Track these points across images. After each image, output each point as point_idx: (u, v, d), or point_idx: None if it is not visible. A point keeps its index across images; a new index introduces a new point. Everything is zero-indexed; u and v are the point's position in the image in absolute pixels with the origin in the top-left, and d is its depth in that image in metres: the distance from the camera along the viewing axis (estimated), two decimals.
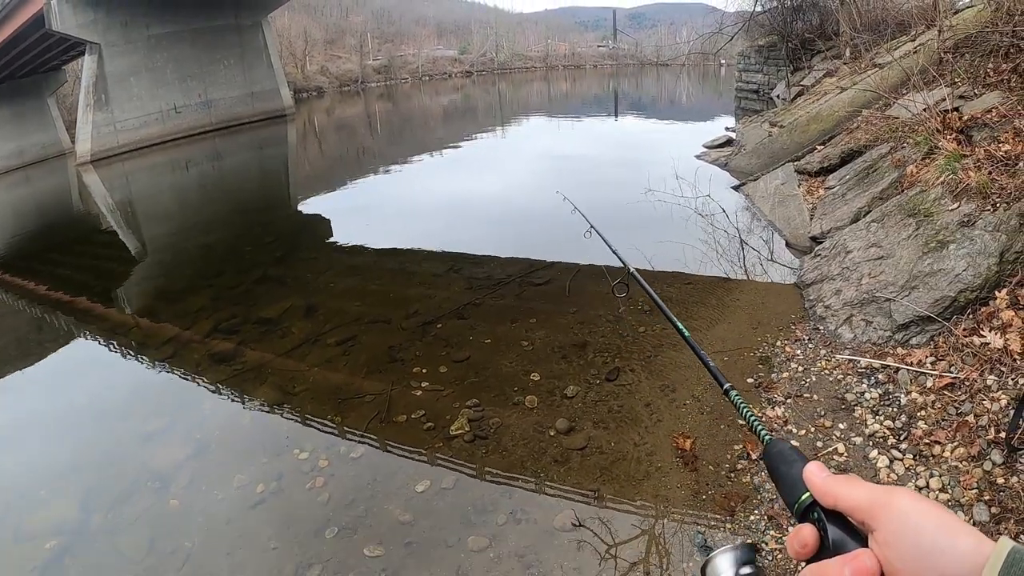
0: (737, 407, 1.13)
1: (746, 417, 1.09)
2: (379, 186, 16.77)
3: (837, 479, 0.73)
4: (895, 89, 10.33)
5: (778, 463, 0.85)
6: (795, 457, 0.84)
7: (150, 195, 19.94)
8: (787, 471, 0.82)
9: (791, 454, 0.85)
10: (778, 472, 0.85)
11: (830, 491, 0.72)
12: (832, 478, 0.73)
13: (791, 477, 0.80)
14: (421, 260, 9.77)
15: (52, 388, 7.31)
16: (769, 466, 0.88)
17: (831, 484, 0.72)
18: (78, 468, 5.49)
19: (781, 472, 0.84)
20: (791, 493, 0.79)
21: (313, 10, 62.41)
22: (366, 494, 4.65)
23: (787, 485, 0.81)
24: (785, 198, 9.71)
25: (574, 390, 5.59)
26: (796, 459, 0.83)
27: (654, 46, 66.14)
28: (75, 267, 12.38)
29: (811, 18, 19.10)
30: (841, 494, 0.71)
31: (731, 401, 1.18)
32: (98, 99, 26.39)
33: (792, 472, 0.81)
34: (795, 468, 0.81)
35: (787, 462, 0.84)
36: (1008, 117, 6.75)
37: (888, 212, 6.76)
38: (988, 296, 5.06)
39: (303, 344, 7.09)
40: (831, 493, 0.72)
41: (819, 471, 0.75)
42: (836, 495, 0.71)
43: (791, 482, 0.80)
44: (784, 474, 0.83)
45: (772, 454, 0.88)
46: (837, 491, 0.71)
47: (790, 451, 0.86)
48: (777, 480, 0.85)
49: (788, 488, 0.81)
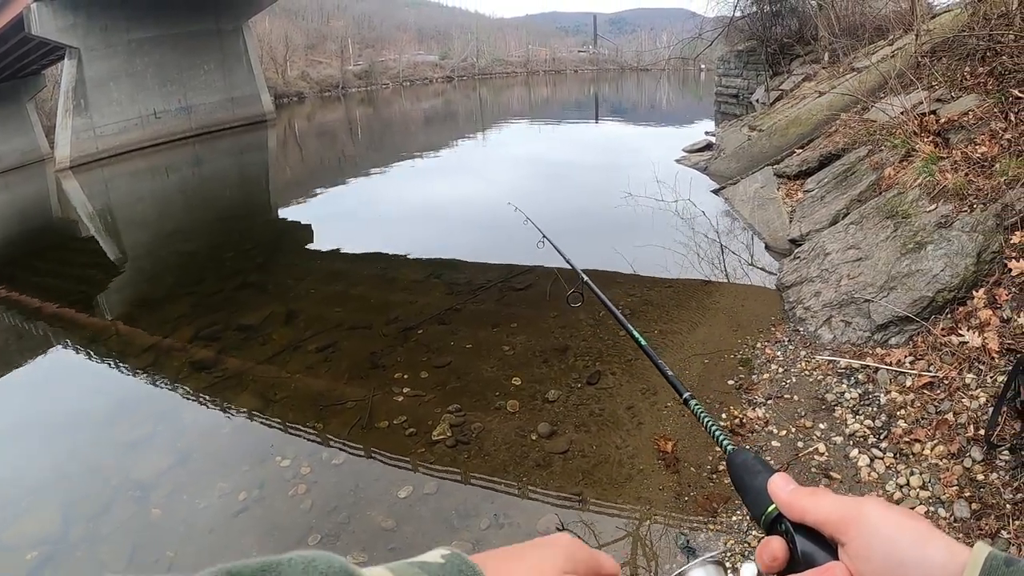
0: (697, 416, 1.10)
1: (707, 426, 1.05)
2: (360, 192, 16.71)
3: (803, 493, 0.70)
4: (873, 93, 10.42)
5: (742, 473, 0.83)
6: (759, 468, 0.81)
7: (130, 201, 19.76)
8: (751, 482, 0.80)
9: (755, 464, 0.83)
10: (742, 483, 0.82)
11: (796, 505, 0.70)
12: (798, 491, 0.71)
13: (755, 489, 0.78)
14: (402, 266, 9.75)
15: (32, 397, 7.24)
16: (733, 477, 0.85)
17: (797, 498, 0.70)
18: (59, 478, 5.43)
19: (745, 483, 0.81)
20: (756, 505, 0.77)
21: (294, 15, 62.12)
22: (349, 500, 4.63)
23: (752, 497, 0.79)
24: (764, 201, 9.77)
25: (555, 394, 5.60)
26: (760, 470, 0.81)
27: (634, 51, 66.27)
28: (54, 274, 12.26)
29: (790, 23, 19.22)
30: (808, 508, 0.68)
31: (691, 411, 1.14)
32: (77, 104, 26.13)
33: (756, 483, 0.78)
34: (759, 479, 0.78)
35: (751, 473, 0.81)
36: (984, 119, 6.83)
37: (866, 214, 6.82)
38: (966, 296, 5.12)
39: (284, 351, 7.06)
40: (797, 507, 0.69)
41: (784, 484, 0.73)
42: (803, 509, 0.69)
43: (756, 494, 0.77)
44: (748, 485, 0.80)
45: (736, 464, 0.85)
46: (804, 505, 0.69)
47: (754, 461, 0.84)
48: (742, 491, 0.82)
49: (753, 500, 0.78)
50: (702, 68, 46.40)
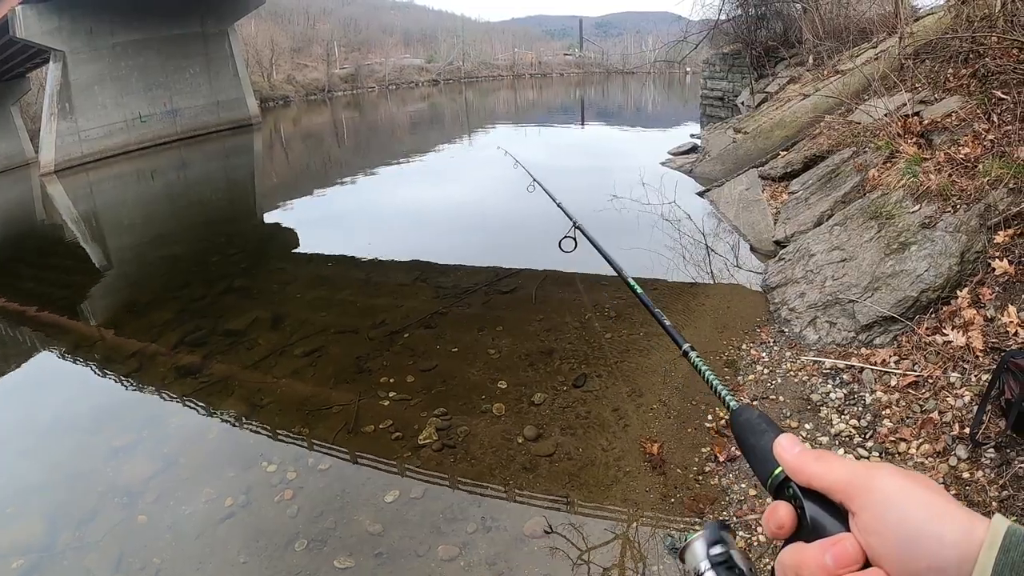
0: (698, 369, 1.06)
1: (709, 381, 1.01)
2: (346, 196, 16.66)
3: (810, 456, 0.66)
4: (857, 95, 10.48)
5: (746, 434, 0.79)
6: (764, 427, 0.77)
7: (115, 206, 19.63)
8: (756, 442, 0.76)
9: (760, 423, 0.78)
10: (747, 444, 0.78)
11: (803, 469, 0.65)
12: (805, 454, 0.66)
13: (761, 450, 0.74)
14: (388, 270, 9.73)
15: (15, 403, 7.17)
16: (737, 437, 0.81)
17: (804, 461, 0.66)
18: (44, 485, 5.37)
19: (750, 444, 0.77)
20: (762, 467, 0.73)
21: (280, 18, 61.93)
22: (335, 505, 4.62)
23: (757, 458, 0.75)
24: (749, 203, 9.80)
25: (541, 397, 5.60)
26: (766, 429, 0.77)
27: (620, 54, 66.49)
28: (38, 279, 12.16)
29: (775, 26, 19.27)
30: (816, 473, 0.64)
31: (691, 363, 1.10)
32: (62, 108, 25.94)
33: (761, 444, 0.74)
34: (765, 440, 0.74)
35: (756, 432, 0.77)
36: (967, 121, 6.89)
37: (850, 215, 6.85)
38: (950, 295, 5.15)
39: (270, 356, 7.02)
40: (804, 472, 0.65)
41: (790, 445, 0.69)
42: (810, 474, 0.65)
43: (761, 455, 0.74)
44: (753, 446, 0.76)
45: (739, 423, 0.81)
46: (811, 470, 0.65)
47: (759, 420, 0.79)
48: (746, 452, 0.78)
49: (759, 461, 0.74)
50: (687, 71, 46.56)
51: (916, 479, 0.59)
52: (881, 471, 0.60)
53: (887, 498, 0.58)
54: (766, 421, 0.78)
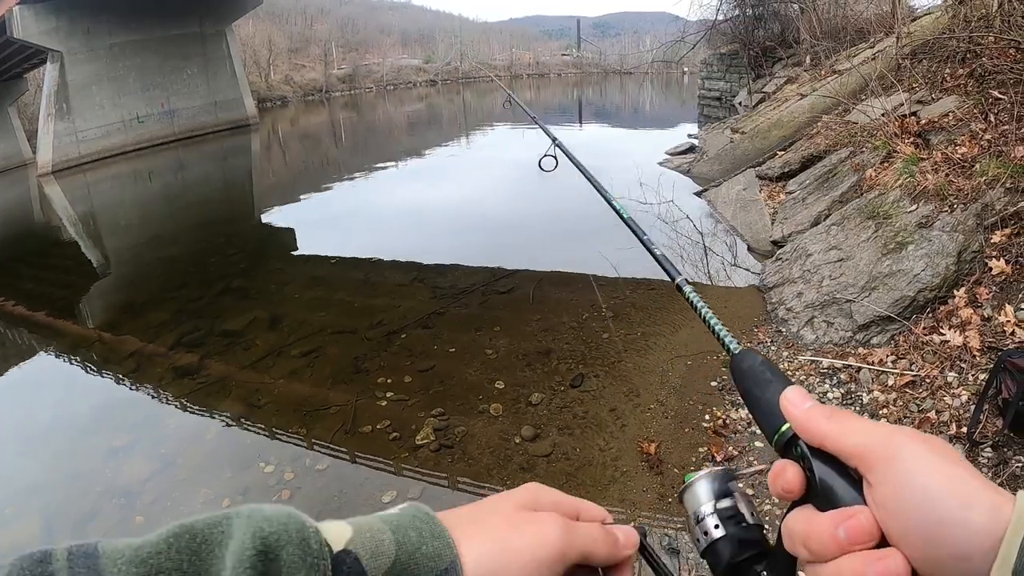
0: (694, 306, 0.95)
1: (706, 320, 0.91)
2: (343, 197, 16.65)
3: (821, 415, 0.59)
4: (854, 95, 10.49)
5: (749, 384, 0.70)
6: (769, 377, 0.69)
7: (112, 206, 19.62)
8: (760, 395, 0.68)
9: (764, 372, 0.70)
10: (750, 395, 0.70)
11: (814, 429, 0.58)
12: (815, 412, 0.59)
13: (766, 403, 0.66)
14: (385, 270, 9.72)
15: (13, 404, 7.17)
16: (739, 386, 0.72)
17: (815, 420, 0.59)
18: (42, 486, 5.37)
19: (754, 396, 0.69)
20: (768, 421, 0.65)
21: (277, 19, 61.90)
22: (333, 506, 4.62)
23: (762, 412, 0.67)
24: (747, 203, 9.81)
25: (539, 397, 5.60)
26: (771, 379, 0.68)
27: (618, 55, 66.55)
28: (36, 280, 12.14)
29: (772, 26, 19.29)
30: (827, 435, 0.57)
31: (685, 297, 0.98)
32: (59, 108, 25.91)
33: (767, 397, 0.66)
34: (770, 392, 0.66)
35: (759, 383, 0.69)
36: (965, 121, 6.90)
37: (848, 215, 6.86)
38: (947, 295, 5.16)
39: (267, 356, 7.02)
40: (815, 431, 0.58)
41: (799, 400, 0.61)
42: (822, 435, 0.57)
43: (766, 409, 0.66)
44: (757, 399, 0.68)
45: (741, 371, 0.72)
46: (823, 431, 0.57)
47: (762, 367, 0.71)
48: (750, 404, 0.70)
49: (764, 415, 0.66)
50: (685, 71, 46.59)
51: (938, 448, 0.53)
52: (900, 437, 0.54)
53: (908, 472, 0.52)
54: (771, 370, 0.70)
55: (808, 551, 0.55)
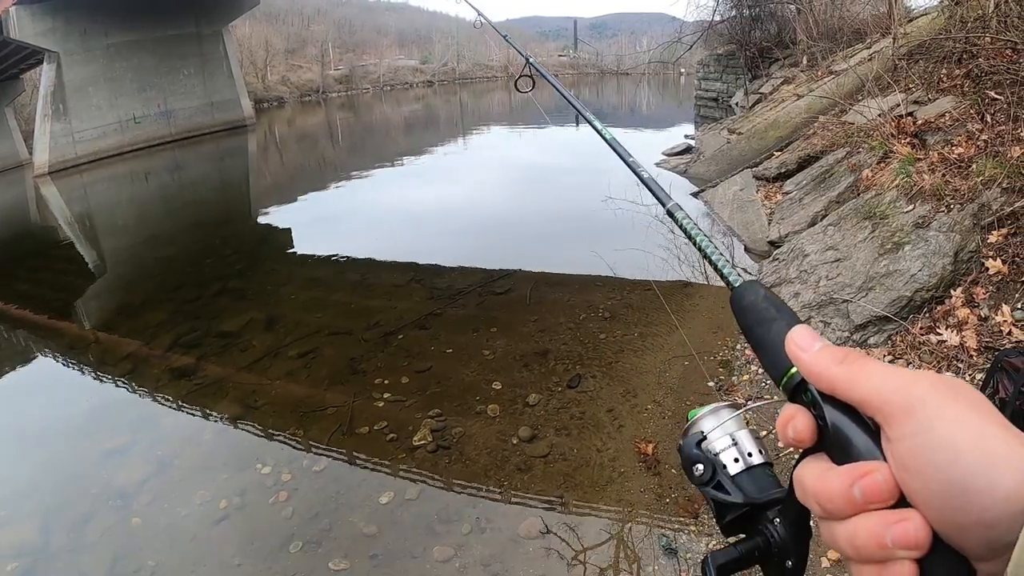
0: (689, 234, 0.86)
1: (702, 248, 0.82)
2: (340, 197, 16.64)
3: (832, 359, 0.52)
4: (851, 95, 10.50)
5: (752, 322, 0.62)
6: (773, 313, 0.61)
7: (109, 207, 19.59)
8: (764, 334, 0.60)
9: (767, 309, 0.62)
10: (753, 335, 0.62)
11: (823, 375, 0.52)
12: (825, 355, 0.53)
13: (771, 343, 0.59)
14: (382, 271, 9.72)
15: (9, 406, 7.15)
16: (741, 325, 0.64)
17: (824, 364, 0.53)
18: (39, 488, 5.36)
19: (757, 335, 0.61)
20: (774, 364, 0.58)
21: (274, 19, 61.83)
22: (330, 507, 4.61)
23: (767, 353, 0.59)
24: (743, 204, 9.82)
25: (536, 398, 5.60)
26: (775, 316, 0.61)
27: (615, 55, 66.53)
28: (33, 281, 12.12)
29: (769, 27, 19.32)
30: (840, 381, 0.51)
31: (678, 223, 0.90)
32: (56, 109, 25.85)
33: (771, 336, 0.59)
34: (775, 330, 0.59)
35: (762, 321, 0.61)
36: (961, 121, 6.91)
37: (844, 215, 6.86)
38: (943, 295, 5.16)
39: (264, 357, 7.01)
40: (825, 378, 0.52)
41: (807, 341, 0.55)
42: (833, 383, 0.52)
43: (771, 350, 0.58)
44: (760, 338, 0.61)
45: (743, 307, 0.64)
46: (833, 377, 0.52)
47: (766, 302, 0.63)
48: (753, 344, 0.62)
49: (769, 357, 0.59)
50: (682, 72, 46.61)
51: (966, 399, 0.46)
52: (922, 385, 0.47)
53: (931, 429, 0.45)
54: (776, 305, 0.62)
55: (821, 508, 0.51)
